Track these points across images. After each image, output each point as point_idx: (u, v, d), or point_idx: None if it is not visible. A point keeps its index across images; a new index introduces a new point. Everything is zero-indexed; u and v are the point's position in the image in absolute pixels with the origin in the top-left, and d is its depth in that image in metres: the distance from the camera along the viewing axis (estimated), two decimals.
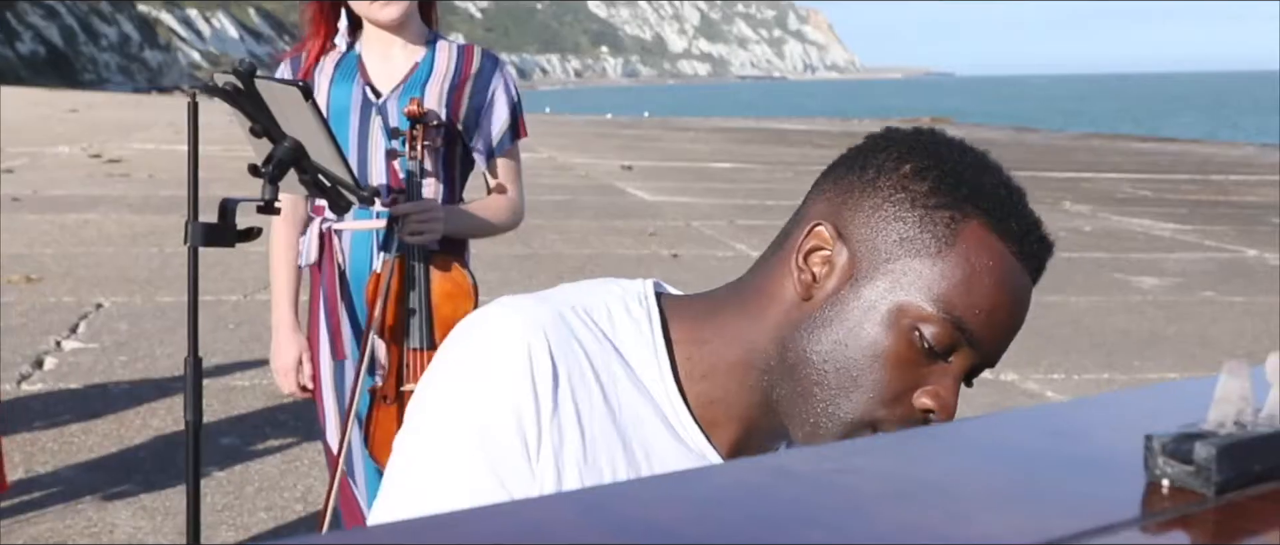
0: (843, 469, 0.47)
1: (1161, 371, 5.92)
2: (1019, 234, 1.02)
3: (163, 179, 13.45)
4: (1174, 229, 11.44)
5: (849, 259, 1.03)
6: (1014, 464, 0.47)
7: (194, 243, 2.03)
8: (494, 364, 1.00)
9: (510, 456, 1.00)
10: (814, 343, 1.03)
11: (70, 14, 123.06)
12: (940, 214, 1.01)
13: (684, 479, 0.45)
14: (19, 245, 8.58)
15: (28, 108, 28.45)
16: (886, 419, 1.02)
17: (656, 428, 1.06)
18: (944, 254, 1.01)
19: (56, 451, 4.30)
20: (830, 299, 1.03)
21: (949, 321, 1.00)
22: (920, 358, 1.01)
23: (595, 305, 1.07)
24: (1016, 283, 1.02)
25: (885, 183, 1.03)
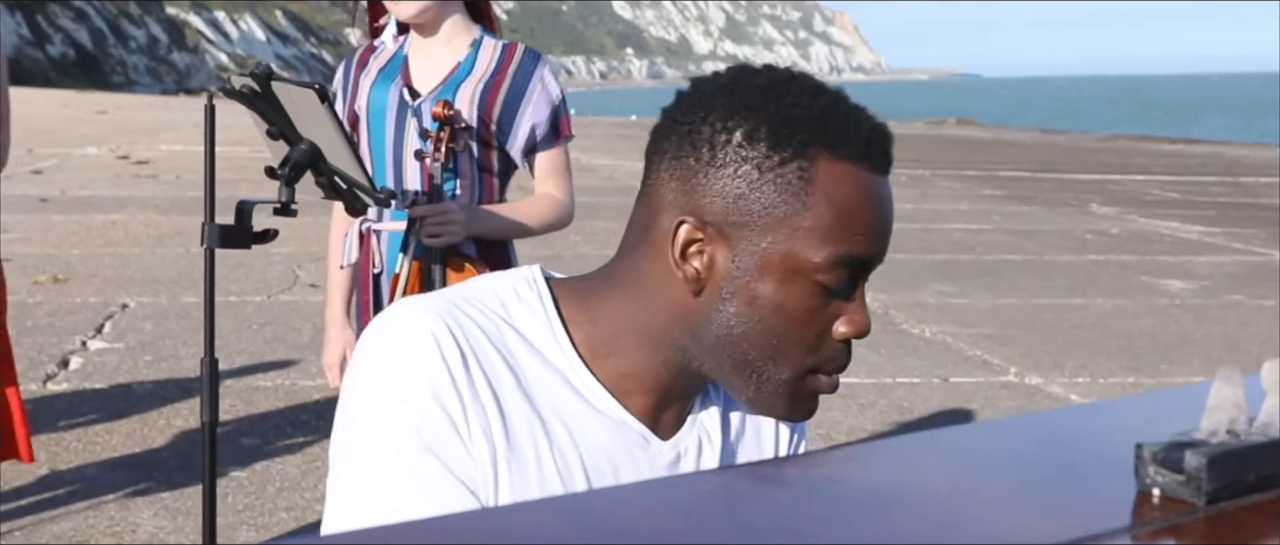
0: (832, 477, 0.46)
1: (1188, 375, 5.88)
2: (862, 147, 1.05)
3: (189, 180, 13.52)
4: (1202, 231, 11.37)
5: (724, 243, 1.05)
6: (1004, 472, 0.47)
7: (210, 244, 2.04)
8: (404, 357, 1.03)
9: (444, 438, 1.03)
10: (725, 325, 1.06)
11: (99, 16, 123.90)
12: (788, 169, 1.03)
13: (670, 485, 0.45)
14: (47, 246, 8.65)
15: (57, 109, 28.66)
16: (820, 361, 1.07)
17: (569, 399, 1.09)
18: (808, 203, 1.03)
19: (80, 450, 4.32)
20: (723, 283, 1.05)
21: (838, 261, 1.04)
22: (826, 300, 1.05)
23: (485, 295, 1.10)
24: (880, 192, 1.06)
25: (724, 158, 1.04)
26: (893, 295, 7.66)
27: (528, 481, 1.06)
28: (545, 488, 1.07)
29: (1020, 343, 6.44)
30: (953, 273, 8.63)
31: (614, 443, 1.11)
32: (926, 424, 5.00)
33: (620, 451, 1.11)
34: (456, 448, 1.03)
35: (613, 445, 1.11)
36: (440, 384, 1.03)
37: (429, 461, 1.02)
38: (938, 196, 14.17)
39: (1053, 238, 10.65)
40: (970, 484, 0.47)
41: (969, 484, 0.47)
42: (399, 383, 1.03)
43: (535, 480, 1.06)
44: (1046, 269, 8.95)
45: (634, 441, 1.12)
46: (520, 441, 1.06)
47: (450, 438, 1.03)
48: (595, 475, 1.10)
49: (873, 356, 6.04)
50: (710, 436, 1.18)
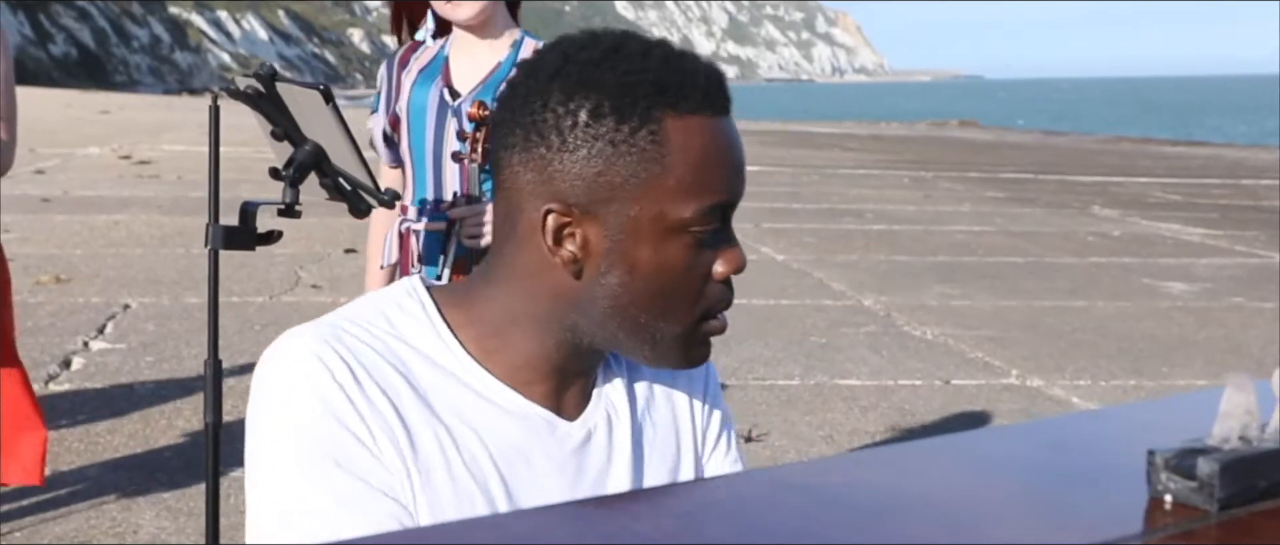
0: (845, 482, 0.46)
1: (1190, 378, 5.88)
2: (702, 97, 1.07)
3: (192, 180, 13.52)
4: (1204, 234, 11.36)
5: (593, 221, 1.06)
6: (1016, 478, 0.47)
7: (214, 245, 2.04)
8: (296, 386, 1.04)
9: (354, 455, 1.03)
10: (611, 297, 1.08)
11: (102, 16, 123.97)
12: (639, 136, 1.04)
13: (682, 491, 0.45)
14: (49, 246, 8.65)
15: (60, 109, 28.68)
16: (708, 307, 1.10)
17: (468, 399, 1.10)
18: (666, 164, 1.05)
19: (82, 451, 4.32)
20: (601, 259, 1.07)
21: (706, 212, 1.06)
22: (702, 249, 1.08)
23: (368, 314, 1.11)
24: (728, 134, 1.09)
25: (575, 141, 1.05)
26: (894, 297, 7.66)
27: (439, 488, 1.07)
28: (458, 492, 1.07)
29: (1022, 345, 6.44)
30: (954, 275, 8.62)
31: (521, 434, 1.11)
32: (928, 426, 4.99)
33: (529, 441, 1.12)
34: (368, 461, 1.04)
35: (520, 436, 1.11)
36: (336, 403, 1.04)
37: (346, 480, 1.03)
38: (940, 198, 14.16)
39: (1055, 240, 10.65)
40: (982, 490, 0.47)
41: (981, 490, 0.47)
42: (296, 411, 1.04)
43: (447, 486, 1.07)
44: (1048, 271, 8.94)
45: (540, 429, 1.12)
46: (426, 450, 1.06)
47: (360, 453, 1.04)
48: (507, 470, 1.10)
49: (874, 358, 6.04)
50: (617, 409, 1.19)
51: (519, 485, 1.11)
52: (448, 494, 1.07)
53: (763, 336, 6.43)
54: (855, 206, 12.86)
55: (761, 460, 4.49)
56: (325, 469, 1.02)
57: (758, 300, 7.44)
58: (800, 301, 7.47)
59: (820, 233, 10.68)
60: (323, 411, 1.03)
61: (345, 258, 8.34)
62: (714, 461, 1.28)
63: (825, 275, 8.43)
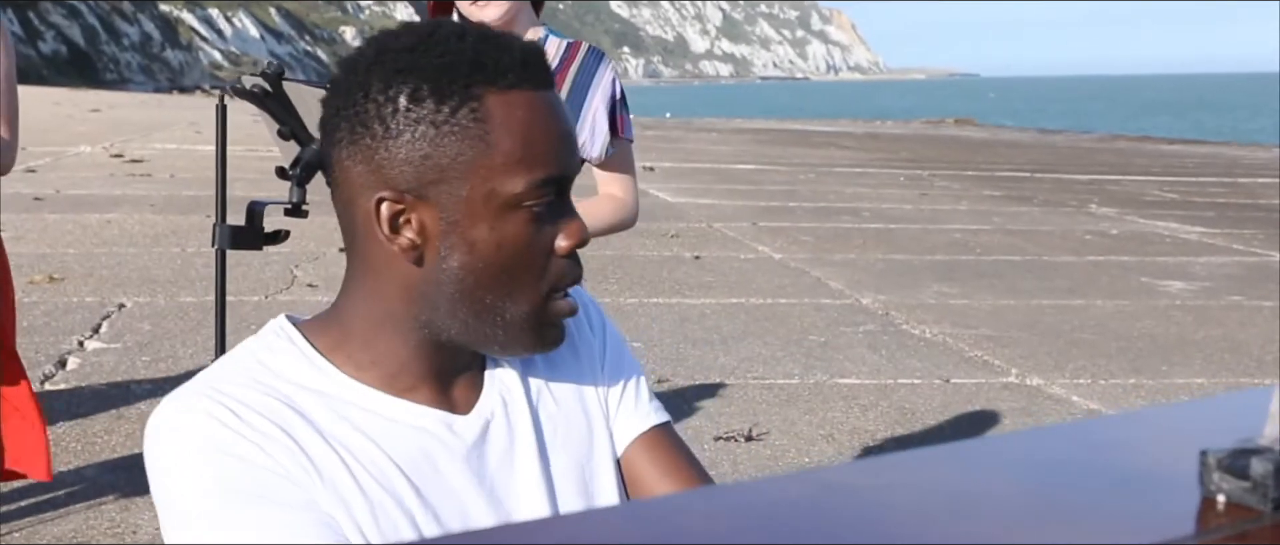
0: (892, 483, 0.45)
1: (1189, 377, 5.88)
2: (521, 71, 1.07)
3: (184, 179, 13.50)
4: (1201, 232, 11.37)
5: (426, 205, 1.06)
6: (1066, 479, 0.46)
7: (221, 245, 2.03)
8: (187, 443, 1.03)
9: (263, 480, 1.02)
10: (454, 281, 1.07)
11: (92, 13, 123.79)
12: (461, 115, 1.05)
13: (728, 492, 0.44)
14: (42, 245, 8.63)
15: (50, 107, 28.62)
16: (553, 283, 1.10)
17: (361, 418, 1.10)
18: (490, 141, 1.05)
19: (80, 451, 4.31)
20: (439, 243, 1.07)
21: (536, 184, 1.06)
22: (540, 223, 1.08)
23: (240, 361, 1.10)
24: (551, 106, 1.09)
25: (397, 126, 1.05)
26: (893, 296, 7.66)
27: (353, 505, 1.06)
28: (372, 505, 1.06)
29: (1021, 344, 6.44)
30: (953, 273, 8.62)
31: (420, 439, 1.11)
32: (929, 425, 4.99)
33: (429, 445, 1.11)
34: (281, 484, 1.03)
35: (420, 442, 1.11)
36: (232, 445, 1.03)
37: (267, 508, 1.01)
38: (937, 197, 14.17)
39: (1052, 238, 10.65)
40: (1033, 490, 0.46)
41: (1032, 491, 0.46)
42: (196, 467, 1.02)
43: (360, 502, 1.06)
44: (1046, 270, 8.94)
45: (437, 430, 1.12)
46: (331, 472, 1.06)
47: (270, 480, 1.03)
48: (417, 476, 1.10)
49: (873, 357, 6.04)
50: (511, 392, 1.18)
51: (429, 489, 1.10)
52: (361, 505, 1.06)
53: (761, 335, 6.43)
54: (852, 205, 12.86)
55: (761, 459, 4.48)
56: (244, 506, 1.01)
57: (755, 299, 7.44)
58: (798, 300, 7.46)
59: (817, 231, 10.68)
60: (222, 456, 1.02)
61: (340, 257, 8.26)
62: (623, 416, 1.27)
63: (823, 274, 8.42)
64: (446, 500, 1.11)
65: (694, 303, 7.27)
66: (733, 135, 29.33)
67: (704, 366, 5.76)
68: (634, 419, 1.27)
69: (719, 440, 4.63)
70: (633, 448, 1.26)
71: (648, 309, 7.01)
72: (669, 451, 1.27)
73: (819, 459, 4.52)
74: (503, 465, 1.16)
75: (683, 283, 7.93)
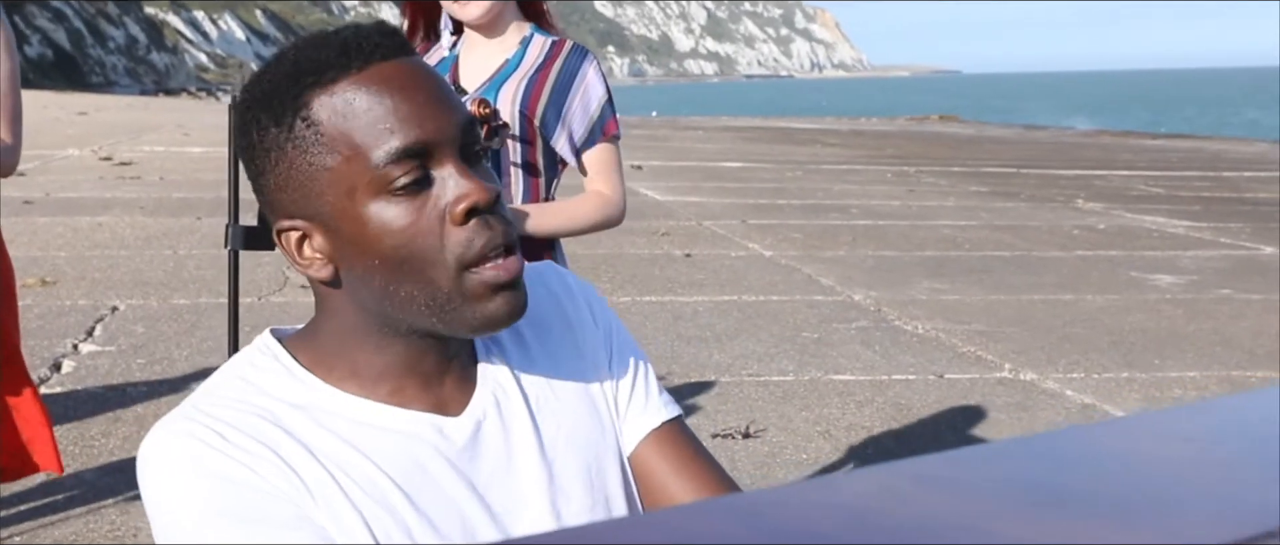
0: (979, 477, 0.46)
1: (1182, 370, 5.90)
2: (336, 59, 1.03)
3: (174, 181, 13.47)
4: (1188, 226, 11.41)
5: (310, 223, 1.06)
6: (1176, 465, 0.47)
7: (234, 246, 2.02)
8: (175, 470, 1.02)
9: (255, 503, 1.01)
10: (369, 285, 1.06)
11: (77, 16, 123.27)
12: (297, 128, 1.03)
13: (825, 485, 0.45)
14: (33, 248, 8.60)
15: (38, 110, 28.51)
16: (462, 251, 1.04)
17: (348, 430, 1.08)
18: (327, 140, 1.03)
19: (78, 454, 4.30)
20: (340, 255, 1.06)
21: (389, 163, 1.02)
22: (419, 197, 1.04)
23: (224, 381, 1.10)
24: (381, 84, 1.03)
25: (261, 162, 1.06)
26: (884, 292, 7.67)
27: (345, 519, 1.05)
28: (365, 517, 1.05)
29: (1013, 339, 6.46)
30: (943, 269, 8.64)
31: (410, 446, 1.10)
32: (925, 420, 5.00)
33: (419, 450, 1.10)
34: (273, 503, 1.02)
35: (411, 449, 1.09)
36: (221, 467, 1.02)
37: (261, 528, 1.01)
38: (924, 193, 14.20)
39: (1040, 234, 10.69)
40: (1127, 482, 0.46)
41: (1125, 482, 0.46)
42: (186, 491, 1.02)
43: (352, 515, 1.05)
44: (1036, 265, 8.97)
45: (426, 434, 1.11)
46: (320, 488, 1.05)
47: (261, 500, 1.02)
48: (407, 483, 1.08)
49: (867, 354, 6.05)
50: (505, 389, 1.16)
51: (422, 496, 1.08)
52: (354, 520, 1.05)
53: (755, 333, 6.44)
54: (840, 202, 12.88)
55: (759, 456, 4.49)
56: (229, 529, 1.00)
57: (748, 296, 7.45)
58: (790, 297, 7.47)
59: (806, 229, 10.69)
60: (211, 479, 1.01)
61: None
62: (633, 413, 1.23)
63: (814, 271, 8.44)
64: (443, 507, 1.09)
65: (686, 301, 7.27)
66: (719, 133, 29.35)
67: (699, 364, 5.76)
68: (645, 415, 1.23)
69: (716, 438, 4.63)
70: (644, 445, 1.22)
71: (640, 307, 7.01)
72: (683, 447, 1.23)
73: (816, 456, 4.53)
74: (500, 468, 1.13)
75: (674, 281, 7.93)
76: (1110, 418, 5.05)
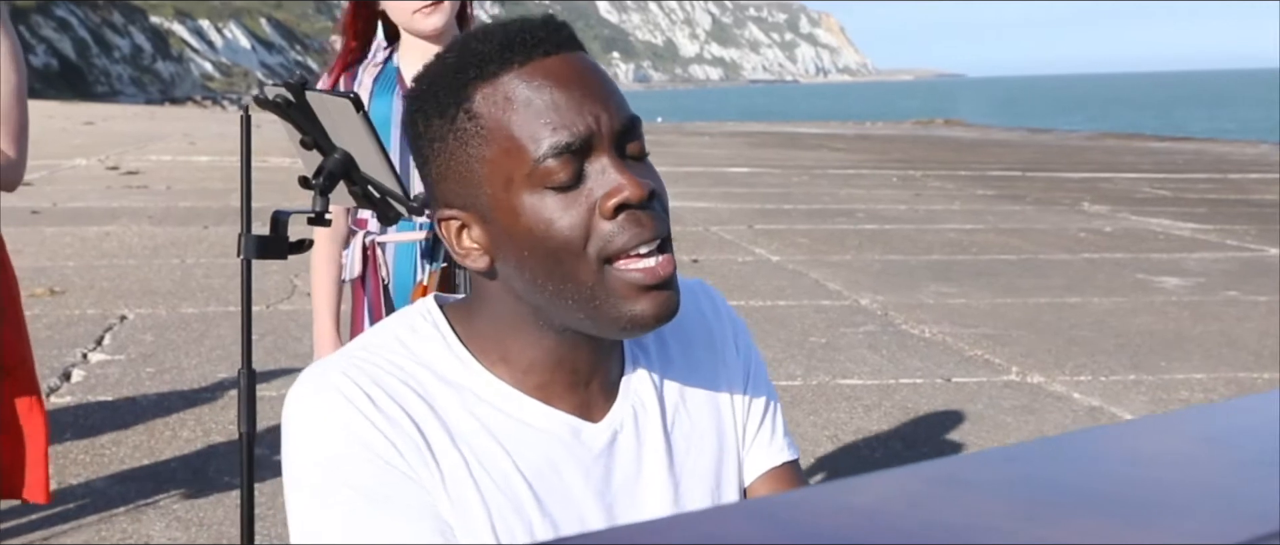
0: (1003, 478, 0.47)
1: (1189, 372, 5.90)
2: (499, 54, 1.05)
3: (181, 190, 13.49)
4: (1194, 228, 11.41)
5: (469, 213, 1.08)
6: (1187, 467, 0.48)
7: (248, 255, 2.04)
8: (321, 423, 1.05)
9: (386, 478, 1.03)
10: (523, 276, 1.07)
11: (82, 26, 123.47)
12: (458, 121, 1.05)
13: (853, 487, 0.46)
14: (41, 258, 8.62)
15: (44, 120, 28.57)
16: (605, 244, 1.04)
17: (490, 415, 1.10)
18: (487, 132, 1.04)
19: (88, 464, 4.31)
20: (494, 247, 1.07)
21: (546, 158, 1.03)
22: (572, 194, 1.04)
23: (383, 340, 1.12)
24: (544, 77, 1.04)
25: (428, 152, 1.09)
26: (891, 296, 7.68)
27: (471, 508, 1.06)
28: (490, 511, 1.07)
29: (1020, 342, 6.46)
30: (949, 273, 8.64)
31: (546, 444, 1.11)
32: (932, 424, 5.01)
33: (555, 451, 1.11)
34: (405, 484, 1.04)
35: (546, 446, 1.11)
36: (363, 433, 1.04)
37: (387, 507, 1.02)
38: (930, 197, 14.20)
39: (1046, 237, 10.68)
40: (1157, 478, 0.47)
41: (1150, 481, 0.47)
42: (326, 447, 1.04)
43: (478, 506, 1.07)
44: (1042, 268, 8.97)
45: (564, 436, 1.12)
46: (451, 469, 1.06)
47: (395, 478, 1.04)
48: (538, 482, 1.09)
49: (874, 358, 6.06)
50: (644, 405, 1.17)
51: (551, 497, 1.10)
52: (479, 512, 1.06)
53: (762, 338, 6.44)
54: (846, 206, 12.88)
55: None
56: (365, 502, 1.02)
57: (756, 302, 7.45)
58: (798, 302, 7.48)
59: (813, 233, 10.70)
60: (352, 443, 1.03)
61: None
62: (757, 447, 1.24)
63: (821, 275, 8.44)
64: (567, 511, 1.10)
65: None
66: (725, 139, 29.35)
67: None
68: (767, 452, 1.25)
69: None
70: (760, 480, 1.24)
71: None
72: (795, 489, 1.24)
73: (824, 460, 4.54)
74: (629, 480, 1.14)
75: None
76: (1117, 420, 5.05)
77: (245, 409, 2.14)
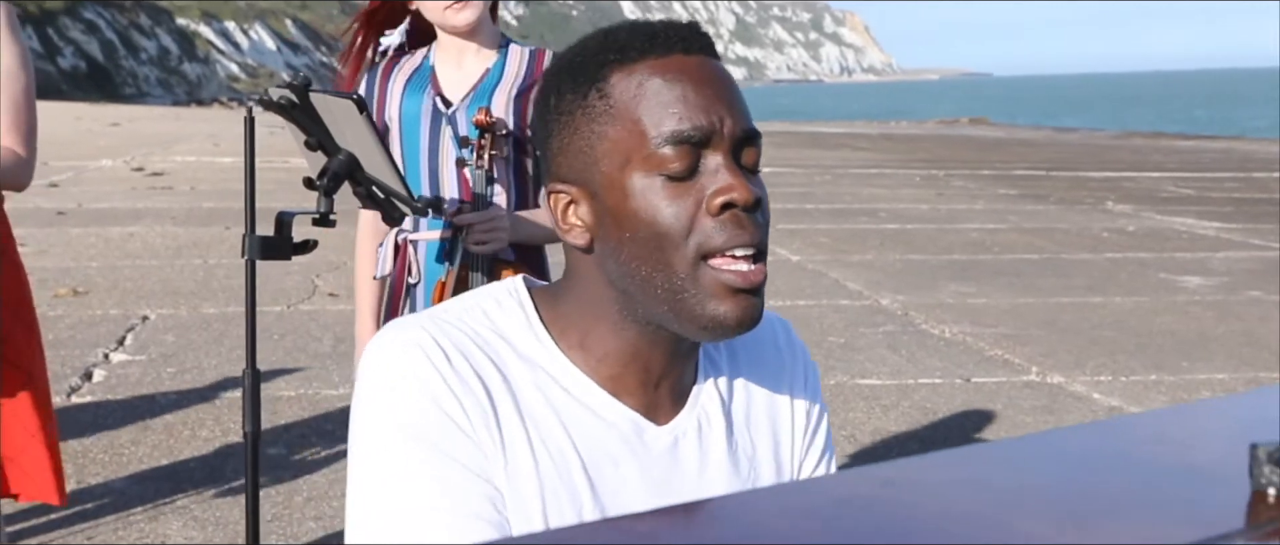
0: (949, 480, 0.46)
1: (1210, 372, 5.86)
2: (644, 42, 1.08)
3: (204, 191, 13.56)
4: (1218, 228, 11.33)
5: (581, 190, 1.10)
6: (1119, 473, 0.47)
7: (251, 256, 2.04)
8: (397, 374, 1.07)
9: (452, 438, 1.06)
10: (619, 259, 1.08)
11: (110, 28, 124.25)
12: (590, 97, 1.08)
13: (791, 491, 0.45)
14: (66, 259, 8.68)
15: (71, 122, 28.77)
16: (704, 240, 1.05)
17: (559, 397, 1.11)
18: (615, 113, 1.07)
19: (107, 463, 4.34)
20: (598, 226, 1.09)
21: (665, 145, 1.05)
22: (683, 186, 1.06)
23: (467, 308, 1.14)
24: (679, 71, 1.07)
25: (552, 123, 1.12)
26: (912, 296, 7.65)
27: (525, 482, 1.08)
28: (544, 488, 1.08)
29: (1041, 342, 6.43)
30: (970, 273, 8.61)
31: (609, 436, 1.12)
32: (950, 424, 4.99)
33: (616, 444, 1.12)
34: (463, 443, 1.06)
35: (608, 438, 1.12)
36: (435, 389, 1.06)
37: (441, 462, 1.05)
38: (953, 196, 14.15)
39: (1069, 236, 10.63)
40: (1086, 485, 0.47)
41: (1085, 486, 0.47)
42: (398, 398, 1.06)
43: (532, 481, 1.08)
44: (1064, 267, 8.93)
45: (628, 433, 1.13)
46: (513, 442, 1.08)
47: (455, 435, 1.06)
48: (595, 471, 1.11)
49: (894, 357, 6.04)
50: (710, 417, 1.18)
51: (605, 487, 1.11)
52: (532, 489, 1.08)
53: None
54: (868, 206, 12.85)
55: None
56: (425, 454, 1.05)
57: (775, 301, 7.43)
58: (817, 302, 7.46)
59: (834, 233, 10.67)
60: (422, 396, 1.06)
61: None
62: None
63: (841, 275, 8.42)
64: (617, 502, 1.11)
65: None
66: None
67: None
68: None
69: None
70: None
71: None
72: None
73: (842, 460, 4.53)
74: (688, 487, 1.15)
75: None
76: None
77: (249, 408, 2.15)
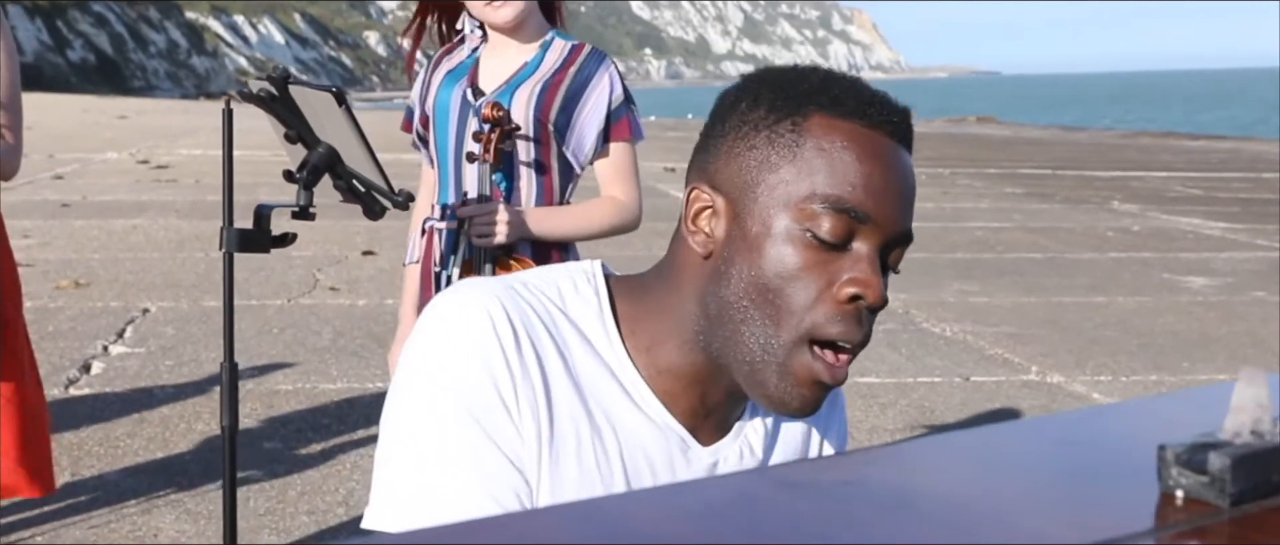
0: (846, 480, 0.46)
1: (1212, 373, 5.85)
2: (859, 108, 1.06)
3: (209, 184, 13.57)
4: (1224, 228, 11.30)
5: (727, 203, 1.08)
6: (1025, 475, 0.46)
7: (229, 249, 2.04)
8: (460, 334, 1.05)
9: (494, 415, 1.04)
10: (727, 287, 1.06)
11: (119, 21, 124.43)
12: (782, 125, 1.06)
13: (683, 490, 0.45)
14: (68, 251, 8.69)
15: (78, 114, 28.83)
16: (821, 322, 1.04)
17: (615, 395, 1.10)
18: (799, 155, 1.05)
19: (102, 455, 4.34)
20: (725, 244, 1.07)
21: (830, 209, 1.03)
22: (825, 255, 1.04)
23: (545, 283, 1.12)
24: (876, 149, 1.05)
25: (729, 126, 1.09)
26: (913, 294, 7.64)
27: (566, 471, 1.07)
28: (583, 479, 1.08)
29: (1042, 341, 6.42)
30: (973, 271, 8.60)
31: (654, 444, 1.12)
32: (948, 423, 4.98)
33: (659, 453, 1.12)
34: (506, 425, 1.05)
35: (652, 446, 1.11)
36: (494, 361, 1.05)
37: (478, 436, 1.04)
38: (958, 194, 14.13)
39: (1074, 235, 10.61)
40: (991, 486, 0.46)
41: (989, 486, 0.46)
42: (454, 358, 1.05)
43: (574, 471, 1.07)
44: (1068, 267, 8.91)
45: (674, 445, 1.12)
46: (563, 429, 1.07)
47: (500, 415, 1.05)
48: (633, 474, 1.10)
49: (893, 356, 6.03)
50: (752, 450, 1.17)
51: None
52: (573, 478, 1.07)
53: None
54: None
55: None
56: (462, 421, 1.03)
57: None
58: None
59: None
60: (479, 366, 1.05)
61: (363, 260, 8.35)
62: None
63: None
64: None
65: None
66: None
67: None
68: None
69: None
70: None
71: None
72: None
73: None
74: None
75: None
76: None
77: (227, 402, 2.14)
